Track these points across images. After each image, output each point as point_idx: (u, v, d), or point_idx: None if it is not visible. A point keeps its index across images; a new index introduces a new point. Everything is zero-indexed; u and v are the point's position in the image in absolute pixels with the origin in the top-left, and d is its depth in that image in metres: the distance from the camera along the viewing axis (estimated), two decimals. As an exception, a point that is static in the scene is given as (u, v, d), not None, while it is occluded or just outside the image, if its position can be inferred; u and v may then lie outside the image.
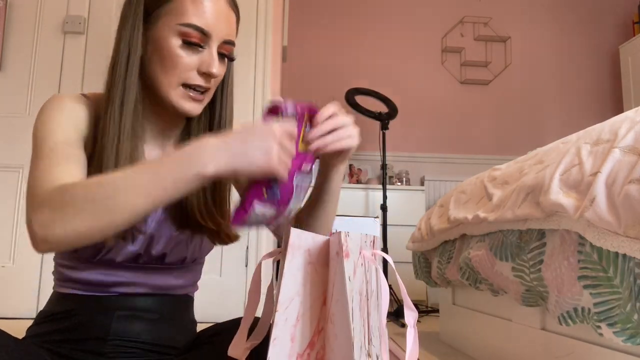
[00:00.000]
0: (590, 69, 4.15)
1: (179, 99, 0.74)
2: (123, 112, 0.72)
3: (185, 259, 0.81)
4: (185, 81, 0.73)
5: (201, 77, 0.74)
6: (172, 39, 0.72)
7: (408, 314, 0.55)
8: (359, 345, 0.47)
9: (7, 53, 2.36)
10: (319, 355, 0.50)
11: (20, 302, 2.21)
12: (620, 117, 0.99)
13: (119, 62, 0.73)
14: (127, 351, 0.76)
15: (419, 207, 3.36)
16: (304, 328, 0.49)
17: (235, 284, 2.26)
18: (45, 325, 0.77)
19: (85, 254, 0.75)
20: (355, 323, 0.47)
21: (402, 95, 3.88)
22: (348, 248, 0.49)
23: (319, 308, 0.51)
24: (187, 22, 0.71)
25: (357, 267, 0.50)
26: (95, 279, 0.76)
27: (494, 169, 1.56)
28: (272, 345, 0.46)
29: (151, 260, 0.78)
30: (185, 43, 0.72)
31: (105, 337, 0.75)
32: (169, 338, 0.79)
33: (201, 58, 0.73)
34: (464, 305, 1.83)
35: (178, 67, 0.72)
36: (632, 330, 0.83)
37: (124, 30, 0.74)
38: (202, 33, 0.72)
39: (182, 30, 0.71)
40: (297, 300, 0.49)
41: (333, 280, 0.50)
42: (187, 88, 0.74)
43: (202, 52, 0.74)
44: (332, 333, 0.49)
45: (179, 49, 0.72)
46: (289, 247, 0.48)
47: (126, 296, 0.77)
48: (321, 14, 4.03)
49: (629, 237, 0.78)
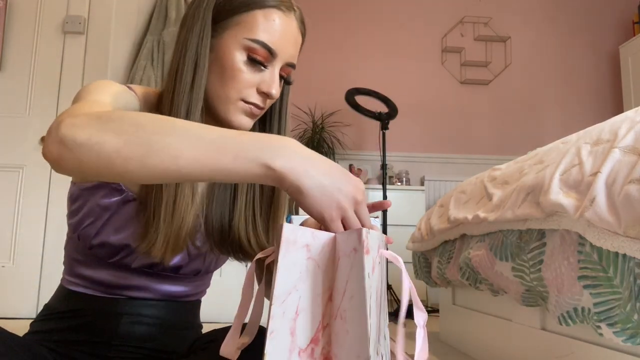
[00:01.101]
0: (590, 69, 4.15)
1: (237, 113, 0.71)
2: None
3: (199, 272, 0.80)
4: (243, 98, 0.70)
5: (259, 95, 0.71)
6: (237, 52, 0.69)
7: (418, 314, 0.55)
8: (374, 341, 0.47)
9: (7, 53, 2.36)
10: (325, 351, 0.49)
11: (20, 302, 2.21)
12: (620, 117, 0.99)
13: (185, 70, 0.69)
14: (132, 356, 0.75)
15: (419, 207, 3.36)
16: (305, 322, 0.49)
17: (235, 284, 2.26)
18: (50, 322, 0.76)
19: (101, 254, 0.73)
20: (372, 320, 0.47)
21: (402, 95, 3.88)
22: (369, 245, 0.49)
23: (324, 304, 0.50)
24: (256, 38, 0.69)
25: (375, 264, 0.50)
26: (106, 279, 0.74)
27: (494, 169, 1.56)
28: (270, 338, 0.46)
29: (166, 269, 0.76)
30: (250, 59, 0.69)
31: (110, 340, 0.74)
32: (174, 344, 0.78)
33: (262, 77, 0.71)
34: (464, 305, 1.83)
35: (239, 82, 0.69)
36: (632, 330, 0.83)
37: (191, 35, 0.70)
38: (269, 52, 0.69)
39: (249, 46, 0.69)
40: (295, 294, 0.49)
41: (346, 277, 0.49)
42: (246, 103, 0.71)
43: (265, 71, 0.71)
44: (343, 329, 0.48)
45: (243, 64, 0.69)
46: (283, 242, 0.48)
47: (134, 300, 0.76)
48: (321, 14, 4.03)
49: (629, 237, 0.78)
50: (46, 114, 2.32)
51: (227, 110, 0.71)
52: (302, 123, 3.84)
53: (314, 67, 3.96)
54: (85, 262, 0.75)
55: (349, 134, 3.92)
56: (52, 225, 2.29)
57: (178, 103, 0.68)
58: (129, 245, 0.71)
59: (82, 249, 0.75)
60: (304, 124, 3.84)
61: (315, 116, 3.85)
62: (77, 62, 2.38)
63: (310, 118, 3.85)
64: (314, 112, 3.88)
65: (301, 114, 3.87)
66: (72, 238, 0.76)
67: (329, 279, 0.51)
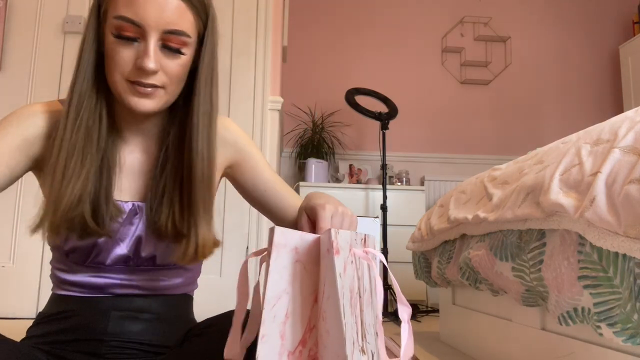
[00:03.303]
0: (590, 69, 4.15)
1: (126, 95, 0.70)
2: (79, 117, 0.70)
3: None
4: (126, 77, 0.69)
5: (138, 71, 0.68)
6: (110, 34, 0.68)
7: (402, 309, 0.55)
8: (351, 341, 0.47)
9: (7, 53, 2.36)
10: (312, 353, 0.50)
11: (20, 302, 2.21)
12: (620, 117, 0.99)
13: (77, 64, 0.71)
14: (125, 352, 0.76)
15: (419, 207, 3.36)
16: (294, 325, 0.49)
17: (235, 284, 2.26)
18: (43, 326, 0.78)
19: (75, 259, 0.75)
20: (346, 319, 0.47)
21: (402, 95, 3.88)
22: (338, 245, 0.49)
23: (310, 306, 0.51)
24: (118, 14, 0.67)
25: (347, 264, 0.50)
26: (89, 281, 0.76)
27: (494, 169, 1.56)
28: (261, 342, 0.46)
29: (142, 262, 0.77)
30: (119, 37, 0.68)
31: (102, 338, 0.75)
32: (167, 338, 0.79)
33: (137, 52, 0.68)
34: (464, 305, 1.83)
35: (116, 62, 0.68)
36: (632, 330, 0.83)
37: (86, 30, 0.72)
38: (133, 24, 0.67)
39: (115, 24, 0.67)
40: (285, 297, 0.49)
41: (324, 278, 0.50)
42: (131, 84, 0.69)
43: (137, 45, 0.68)
44: (325, 330, 0.49)
45: (115, 44, 0.68)
46: (274, 246, 0.48)
47: (121, 297, 0.77)
48: (321, 14, 4.03)
49: (629, 237, 0.78)
50: (46, 114, 2.31)
51: (120, 95, 0.70)
52: (302, 123, 3.84)
53: (314, 67, 3.96)
54: (67, 270, 0.77)
55: (349, 134, 3.92)
56: (52, 225, 2.29)
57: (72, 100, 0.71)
58: (96, 244, 0.74)
59: (60, 258, 0.78)
60: (303, 124, 3.83)
61: (315, 116, 3.85)
62: (77, 62, 2.38)
63: (310, 118, 3.84)
64: (314, 112, 3.87)
65: (301, 114, 3.87)
66: (52, 251, 0.80)
67: (315, 281, 0.51)
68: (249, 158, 0.87)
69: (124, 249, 0.75)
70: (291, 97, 3.81)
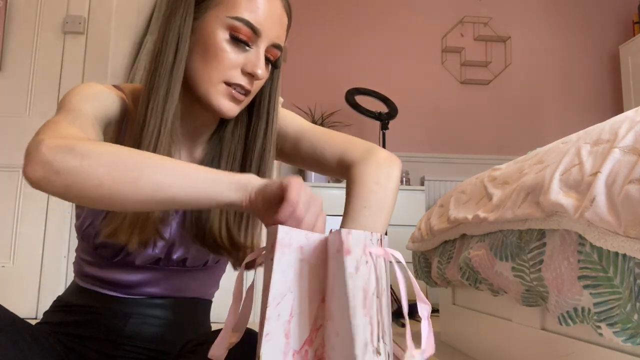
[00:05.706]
0: (590, 69, 4.15)
1: (219, 96, 0.68)
2: (167, 104, 0.66)
3: (207, 262, 0.79)
4: (227, 79, 0.68)
5: (244, 77, 0.69)
6: (220, 31, 0.67)
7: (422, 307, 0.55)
8: (362, 342, 0.47)
9: (7, 53, 2.36)
10: (318, 353, 0.49)
11: (20, 302, 2.21)
12: (620, 117, 0.99)
13: (166, 51, 0.67)
14: (137, 357, 0.75)
15: (419, 207, 3.36)
16: (299, 324, 0.49)
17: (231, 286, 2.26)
18: (60, 314, 0.77)
19: (105, 254, 0.73)
20: (357, 320, 0.47)
21: (402, 95, 3.88)
22: (349, 245, 0.49)
23: (317, 305, 0.50)
24: (239, 15, 0.66)
25: (360, 264, 0.50)
26: (114, 278, 0.74)
27: (494, 169, 1.56)
28: (265, 340, 0.46)
29: (172, 263, 0.76)
30: (233, 38, 0.67)
31: (117, 339, 0.74)
32: (172, 345, 0.78)
33: (247, 57, 0.68)
34: (464, 305, 1.83)
35: (222, 62, 0.67)
36: (632, 330, 0.83)
37: (173, 18, 0.68)
38: (252, 30, 0.67)
39: (232, 24, 0.66)
40: (290, 296, 0.49)
41: (333, 278, 0.49)
42: (228, 86, 0.69)
43: (249, 51, 0.68)
44: (333, 331, 0.48)
45: (226, 43, 0.67)
46: (278, 245, 0.48)
47: (144, 300, 0.75)
48: (321, 14, 4.03)
49: (629, 237, 0.78)
50: (46, 114, 2.31)
51: (208, 93, 0.68)
52: (302, 123, 3.84)
53: (314, 67, 3.96)
54: (94, 263, 0.75)
55: (349, 134, 3.91)
56: (52, 225, 2.29)
57: (156, 86, 0.67)
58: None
59: (88, 250, 0.75)
60: (304, 124, 3.84)
61: (315, 116, 3.85)
62: (77, 62, 2.38)
63: (310, 118, 3.84)
64: (314, 112, 3.87)
65: (301, 114, 3.87)
66: (79, 241, 0.77)
67: (321, 281, 0.51)
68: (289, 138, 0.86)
69: (156, 250, 0.73)
70: (291, 97, 3.81)
